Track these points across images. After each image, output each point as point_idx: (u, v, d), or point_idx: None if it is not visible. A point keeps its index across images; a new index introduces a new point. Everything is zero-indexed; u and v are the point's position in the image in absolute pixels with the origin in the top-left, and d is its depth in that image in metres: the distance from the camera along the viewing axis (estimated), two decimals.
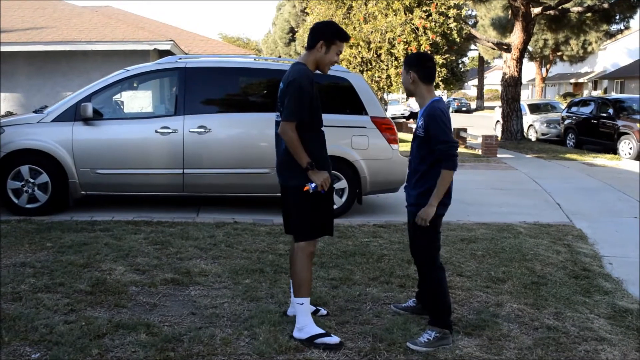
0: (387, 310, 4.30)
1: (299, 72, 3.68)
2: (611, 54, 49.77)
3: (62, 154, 7.09)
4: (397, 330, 3.90)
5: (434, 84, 14.51)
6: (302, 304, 3.74)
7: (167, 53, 15.56)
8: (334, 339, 3.69)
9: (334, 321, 4.05)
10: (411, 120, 27.70)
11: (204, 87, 7.48)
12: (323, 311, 4.18)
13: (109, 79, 7.54)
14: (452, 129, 3.79)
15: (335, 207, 7.42)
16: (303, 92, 3.62)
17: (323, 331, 3.72)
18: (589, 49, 41.23)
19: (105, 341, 3.60)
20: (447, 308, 3.85)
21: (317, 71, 3.81)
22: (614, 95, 28.71)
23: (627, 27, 32.99)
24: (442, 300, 3.84)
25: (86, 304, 4.19)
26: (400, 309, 4.29)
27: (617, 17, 23.82)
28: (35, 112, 7.86)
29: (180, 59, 7.76)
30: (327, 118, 7.75)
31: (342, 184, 7.48)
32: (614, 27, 32.07)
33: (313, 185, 3.66)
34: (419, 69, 3.83)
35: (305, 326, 3.71)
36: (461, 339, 3.85)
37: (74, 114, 7.16)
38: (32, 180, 7.08)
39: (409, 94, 3.96)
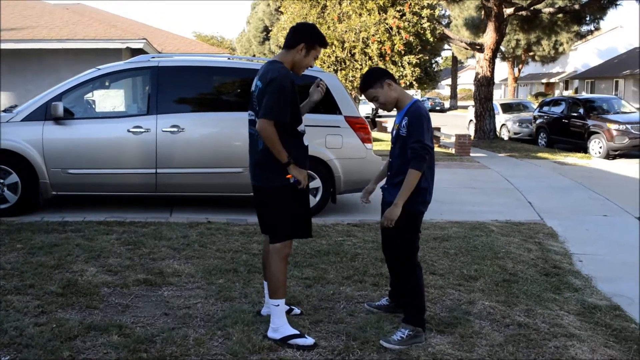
0: (361, 309, 4.32)
1: (280, 72, 3.64)
2: (582, 55, 50.56)
3: (32, 154, 6.98)
4: (371, 328, 3.92)
5: (409, 84, 14.45)
6: (278, 305, 3.74)
7: (139, 52, 15.40)
8: (308, 340, 3.69)
9: (308, 320, 4.06)
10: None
11: (177, 86, 7.43)
12: (297, 310, 4.18)
13: (80, 77, 7.45)
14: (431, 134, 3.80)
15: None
16: (284, 92, 3.59)
17: (298, 332, 3.72)
18: (560, 49, 41.84)
19: (76, 343, 3.56)
20: (422, 307, 3.89)
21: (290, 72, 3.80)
22: (584, 95, 29.19)
23: (597, 28, 33.47)
24: (419, 299, 3.87)
25: (57, 305, 4.13)
26: (373, 307, 4.32)
27: (588, 18, 24.15)
28: (4, 111, 7.73)
29: (152, 57, 7.71)
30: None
31: (316, 183, 7.49)
32: (584, 28, 32.53)
33: (293, 179, 3.67)
34: (388, 76, 3.89)
35: (281, 327, 3.71)
36: (434, 337, 3.89)
37: (44, 113, 7.05)
38: (1, 181, 6.97)
39: (393, 106, 3.91)
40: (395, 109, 3.96)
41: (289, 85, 3.62)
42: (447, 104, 58.03)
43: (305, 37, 3.73)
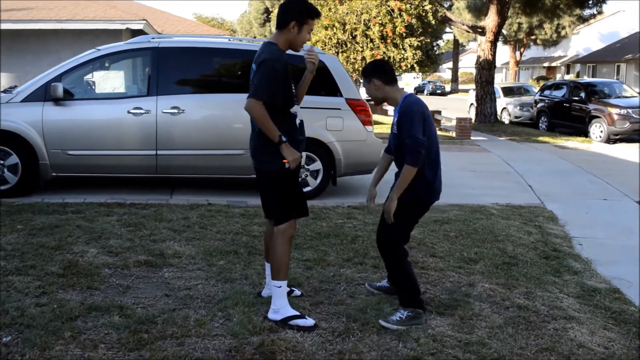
0: (361, 291, 4.33)
1: (271, 53, 3.61)
2: (584, 39, 50.31)
3: (32, 135, 6.96)
4: (371, 310, 3.94)
5: (410, 67, 14.36)
6: (280, 287, 3.74)
7: (139, 33, 15.29)
8: (309, 322, 3.70)
9: (308, 302, 4.07)
10: None
11: (177, 68, 7.40)
12: (297, 292, 4.20)
13: (80, 58, 7.41)
14: (423, 127, 3.76)
15: (309, 188, 7.44)
16: (276, 73, 3.57)
17: (298, 313, 3.73)
18: (563, 33, 41.60)
19: (77, 323, 3.57)
20: (415, 289, 3.88)
21: (290, 51, 3.77)
22: (586, 79, 29.09)
23: (599, 12, 33.30)
24: (409, 283, 3.88)
25: (58, 286, 4.15)
26: (374, 288, 4.33)
27: (590, 2, 24.06)
28: (4, 92, 7.70)
29: (153, 38, 7.66)
30: None
31: (317, 165, 7.48)
32: (587, 12, 32.36)
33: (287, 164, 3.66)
34: (381, 74, 3.87)
35: (282, 308, 3.72)
36: (434, 319, 3.90)
37: (44, 94, 7.02)
38: (1, 162, 6.96)
39: (379, 101, 3.96)
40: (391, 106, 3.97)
41: (280, 67, 3.58)
42: (448, 88, 57.85)
43: (294, 14, 3.64)
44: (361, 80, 4.21)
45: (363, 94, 7.09)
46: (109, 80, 9.49)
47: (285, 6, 3.72)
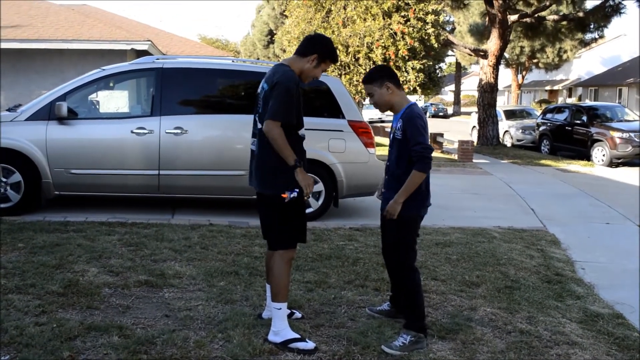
0: (362, 314, 4.31)
1: (286, 75, 3.65)
2: (586, 62, 50.53)
3: (35, 153, 6.98)
4: (372, 333, 3.91)
5: (412, 89, 14.50)
6: (280, 309, 3.72)
7: (144, 53, 15.42)
8: (309, 345, 3.68)
9: (309, 324, 4.05)
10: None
11: (181, 88, 7.44)
12: (298, 314, 4.17)
13: (84, 78, 7.46)
14: (429, 134, 3.83)
15: (311, 210, 7.44)
16: (290, 95, 3.60)
17: (298, 336, 3.70)
18: (564, 56, 41.77)
19: (76, 343, 3.55)
20: (422, 311, 3.88)
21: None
22: (588, 102, 29.15)
23: (601, 36, 33.41)
24: (418, 303, 3.86)
25: (58, 305, 4.13)
26: (374, 312, 4.30)
27: (592, 26, 24.12)
28: (8, 110, 7.74)
29: (157, 59, 7.71)
30: (304, 121, 7.78)
31: (319, 186, 7.48)
32: (588, 36, 32.46)
33: (292, 194, 3.63)
34: (391, 78, 3.90)
35: (282, 330, 3.69)
36: (435, 343, 3.87)
37: (48, 113, 7.06)
38: (4, 180, 6.97)
39: (386, 108, 3.95)
40: (392, 112, 3.99)
41: (294, 88, 3.63)
42: (450, 110, 57.97)
43: (320, 49, 3.75)
44: (364, 102, 4.24)
45: (365, 116, 7.13)
46: (113, 100, 9.54)
47: (314, 38, 3.84)
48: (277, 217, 3.73)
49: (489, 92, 20.84)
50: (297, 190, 3.64)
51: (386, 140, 23.56)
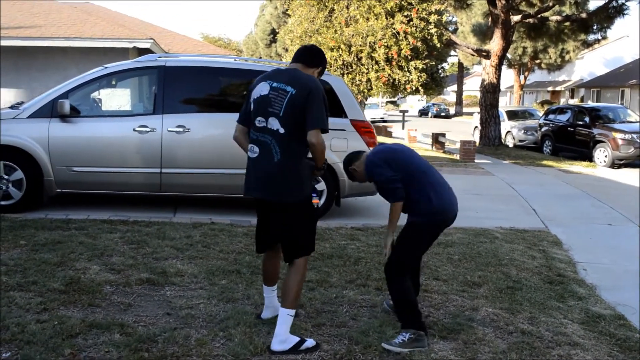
0: (364, 313, 4.31)
1: (316, 82, 3.62)
2: (588, 63, 50.48)
3: (37, 151, 6.99)
4: (373, 332, 3.91)
5: (415, 89, 14.49)
6: (292, 315, 3.66)
7: (146, 51, 15.42)
8: (311, 342, 3.68)
9: (310, 323, 4.05)
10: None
11: (183, 87, 7.43)
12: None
13: (87, 76, 7.45)
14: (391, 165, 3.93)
15: None
16: (325, 101, 3.62)
17: (299, 338, 3.68)
18: (567, 57, 41.77)
19: (78, 341, 3.55)
20: (415, 312, 3.86)
21: None
22: (590, 103, 29.10)
23: (604, 37, 33.36)
24: (409, 306, 3.86)
25: (59, 303, 4.13)
26: (390, 306, 4.29)
27: (595, 27, 24.09)
28: (11, 107, 7.74)
29: (159, 57, 7.71)
30: None
31: (321, 186, 7.47)
32: (591, 37, 32.42)
33: (317, 198, 3.76)
34: (352, 160, 4.08)
35: (288, 338, 3.62)
36: (436, 343, 3.87)
37: (50, 111, 7.06)
38: (6, 177, 6.97)
39: (366, 180, 4.11)
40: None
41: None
42: (452, 110, 57.96)
43: (323, 62, 3.82)
44: (366, 102, 4.30)
45: (368, 115, 7.13)
46: (116, 98, 9.55)
47: (316, 51, 3.86)
48: (306, 224, 3.72)
49: (491, 92, 20.82)
50: (316, 194, 3.78)
51: (389, 140, 23.57)
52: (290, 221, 3.65)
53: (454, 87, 61.94)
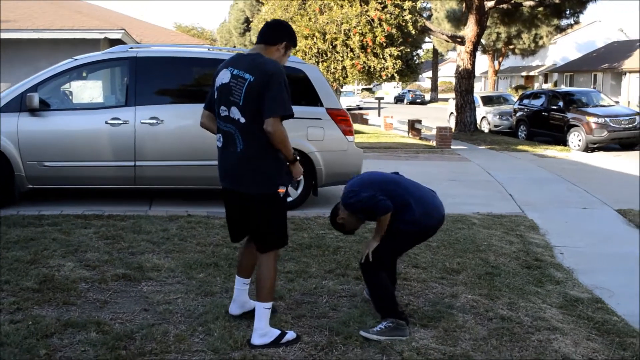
0: (344, 303, 4.28)
1: (276, 66, 3.45)
2: (561, 48, 50.96)
3: (7, 146, 6.82)
4: (354, 323, 3.89)
5: (390, 76, 14.45)
6: (269, 308, 3.60)
7: (118, 42, 15.16)
8: (292, 334, 3.64)
9: (290, 315, 4.01)
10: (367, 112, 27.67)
11: (155, 77, 7.31)
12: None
13: (56, 68, 7.30)
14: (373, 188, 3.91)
15: (290, 199, 7.38)
16: (286, 85, 3.43)
17: (280, 331, 3.63)
18: (540, 42, 42.10)
19: (53, 341, 3.47)
20: (393, 301, 3.86)
21: None
22: (564, 88, 29.42)
23: (577, 22, 33.68)
24: (386, 298, 3.86)
25: (33, 302, 4.03)
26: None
27: (568, 12, 24.32)
28: None
29: (131, 48, 7.57)
30: None
31: None
32: (564, 22, 32.70)
33: (285, 188, 3.57)
34: (337, 210, 4.05)
35: (268, 331, 3.57)
36: (417, 331, 3.86)
37: (19, 105, 6.89)
38: None
39: (358, 224, 4.06)
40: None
41: (286, 79, 3.46)
42: (427, 97, 58.20)
43: (287, 36, 3.60)
44: (342, 90, 4.24)
45: (343, 103, 7.10)
46: (87, 91, 9.37)
47: (277, 25, 3.67)
48: (274, 215, 3.58)
49: (466, 78, 20.90)
50: (288, 184, 3.60)
51: (365, 128, 23.60)
52: (257, 212, 3.56)
53: (429, 74, 62.17)
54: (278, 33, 3.62)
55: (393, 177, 4.09)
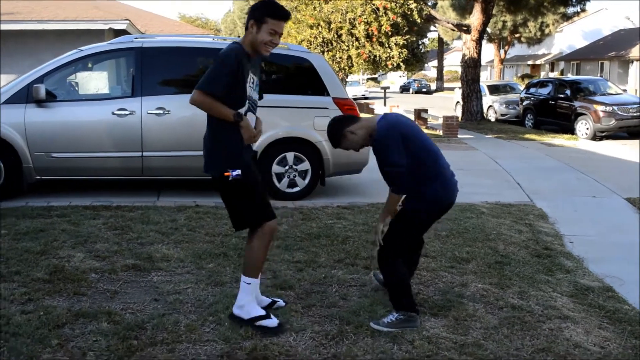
0: (353, 293, 4.28)
1: (227, 48, 3.53)
2: (567, 36, 50.66)
3: (14, 138, 6.83)
4: (364, 312, 3.88)
5: (396, 65, 14.33)
6: (250, 284, 3.63)
7: (122, 33, 15.12)
8: (273, 321, 3.62)
9: (300, 305, 4.01)
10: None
11: (161, 68, 7.30)
12: (281, 303, 4.00)
13: (62, 59, 7.28)
14: (405, 146, 3.65)
15: (298, 189, 7.39)
16: (223, 66, 3.45)
17: (264, 312, 3.64)
18: (546, 31, 41.89)
19: (65, 331, 3.48)
20: (408, 294, 3.80)
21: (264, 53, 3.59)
22: (571, 76, 29.26)
23: (583, 10, 33.52)
24: (402, 289, 3.79)
25: (44, 292, 4.04)
26: (380, 281, 4.22)
27: (574, 0, 24.18)
28: None
29: (136, 38, 7.56)
30: (289, 99, 7.70)
31: (305, 165, 7.41)
32: (570, 10, 32.54)
33: (235, 172, 3.51)
34: (348, 123, 3.79)
35: (247, 304, 3.62)
36: (427, 320, 3.85)
37: (26, 96, 6.89)
38: None
39: (367, 144, 3.80)
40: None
41: (230, 61, 3.45)
42: (433, 86, 57.96)
43: (254, 13, 3.53)
44: (347, 79, 4.14)
45: (349, 92, 7.07)
46: (93, 81, 9.36)
47: (250, 8, 3.63)
48: (228, 197, 3.64)
49: (472, 67, 20.79)
50: (240, 170, 3.52)
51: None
52: (220, 193, 3.70)
53: (435, 63, 61.86)
54: (248, 16, 3.57)
55: (434, 148, 3.83)
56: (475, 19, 20.37)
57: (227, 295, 4.07)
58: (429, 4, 23.82)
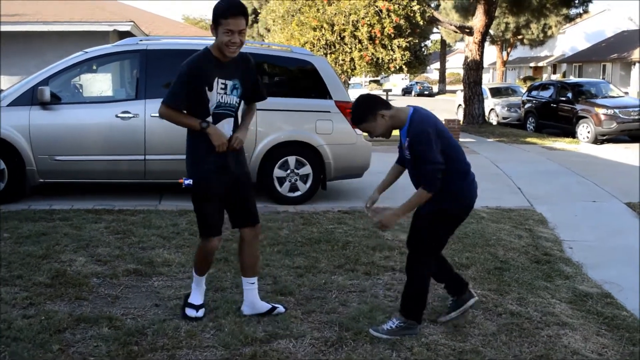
0: (353, 299, 4.30)
1: (190, 56, 3.58)
2: (570, 38, 50.59)
3: (18, 140, 6.87)
4: (364, 319, 3.90)
5: (398, 68, 14.27)
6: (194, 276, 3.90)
7: (127, 34, 15.17)
8: (193, 312, 3.81)
9: (300, 310, 4.04)
10: None
11: (165, 70, 7.28)
12: (281, 309, 4.00)
13: (67, 61, 7.32)
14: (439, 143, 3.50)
15: (299, 193, 7.41)
16: (178, 77, 3.53)
17: (201, 302, 3.86)
18: (549, 32, 41.81)
19: (66, 336, 3.51)
20: (422, 303, 3.79)
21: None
22: (572, 79, 29.23)
23: (586, 11, 33.51)
24: (421, 296, 3.77)
25: (46, 297, 4.07)
26: (453, 314, 4.00)
27: (577, 1, 24.20)
28: None
29: (141, 40, 7.59)
30: (291, 102, 7.72)
31: (306, 169, 7.44)
32: (573, 11, 32.54)
33: (187, 181, 3.62)
34: (379, 104, 3.57)
35: (193, 298, 3.87)
36: (427, 326, 3.87)
37: (30, 98, 6.93)
38: None
39: (389, 132, 3.60)
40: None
41: (183, 71, 3.52)
42: (435, 88, 57.95)
43: (212, 18, 3.56)
44: (350, 82, 4.08)
45: (352, 95, 7.09)
46: (97, 84, 9.40)
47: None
48: (194, 204, 3.77)
49: (474, 69, 20.80)
50: (192, 179, 3.64)
51: None
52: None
53: (437, 65, 61.88)
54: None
55: (460, 148, 3.72)
56: (477, 20, 20.39)
57: (228, 300, 4.10)
58: (432, 5, 23.84)
